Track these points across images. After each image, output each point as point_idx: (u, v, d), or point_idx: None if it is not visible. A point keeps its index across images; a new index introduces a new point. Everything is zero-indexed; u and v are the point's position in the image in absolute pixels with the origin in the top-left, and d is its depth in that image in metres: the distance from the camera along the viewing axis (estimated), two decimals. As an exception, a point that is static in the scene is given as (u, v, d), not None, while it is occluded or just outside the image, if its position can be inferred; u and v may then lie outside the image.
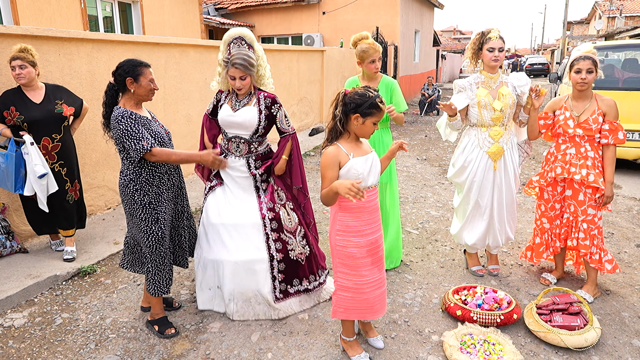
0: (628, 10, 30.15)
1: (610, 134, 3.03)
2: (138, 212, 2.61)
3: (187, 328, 2.86)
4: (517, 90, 3.25)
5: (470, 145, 3.36)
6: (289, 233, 2.97)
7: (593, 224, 3.12)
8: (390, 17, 14.63)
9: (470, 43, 3.32)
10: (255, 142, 2.92)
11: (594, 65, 3.01)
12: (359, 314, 2.43)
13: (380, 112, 2.23)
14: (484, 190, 3.35)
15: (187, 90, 6.04)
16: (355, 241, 2.30)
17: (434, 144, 9.08)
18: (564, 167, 3.14)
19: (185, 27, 10.41)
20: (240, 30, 2.86)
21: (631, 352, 2.62)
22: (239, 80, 2.76)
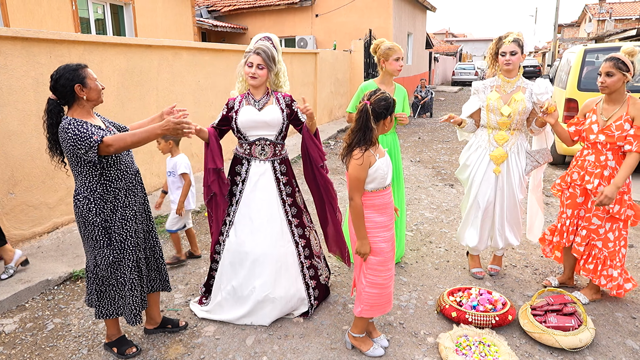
0: (617, 13, 30.48)
1: (635, 140, 2.79)
2: (91, 234, 2.36)
3: (181, 332, 2.83)
4: (534, 98, 3.15)
5: (474, 145, 3.39)
6: (317, 257, 3.02)
7: (596, 234, 3.03)
8: (383, 19, 14.68)
9: (488, 48, 3.33)
10: (279, 144, 2.86)
11: (617, 68, 2.80)
12: (380, 309, 2.53)
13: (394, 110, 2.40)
14: (483, 191, 3.36)
15: (180, 93, 6.02)
16: (383, 235, 2.43)
17: (427, 146, 9.11)
18: (580, 173, 3.05)
19: (177, 30, 10.37)
20: (270, 34, 2.90)
21: (625, 353, 2.63)
22: (256, 68, 2.69)
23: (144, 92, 5.37)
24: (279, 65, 2.83)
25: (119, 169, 2.41)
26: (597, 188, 2.93)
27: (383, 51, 3.42)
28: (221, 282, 2.92)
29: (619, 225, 3.00)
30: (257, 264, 2.80)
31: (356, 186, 2.34)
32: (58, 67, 2.31)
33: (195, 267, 3.75)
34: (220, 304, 2.91)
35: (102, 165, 2.34)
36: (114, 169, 2.38)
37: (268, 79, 2.79)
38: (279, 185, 2.87)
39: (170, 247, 4.17)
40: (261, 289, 2.80)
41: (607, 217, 2.99)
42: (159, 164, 5.73)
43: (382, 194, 2.40)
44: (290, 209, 2.90)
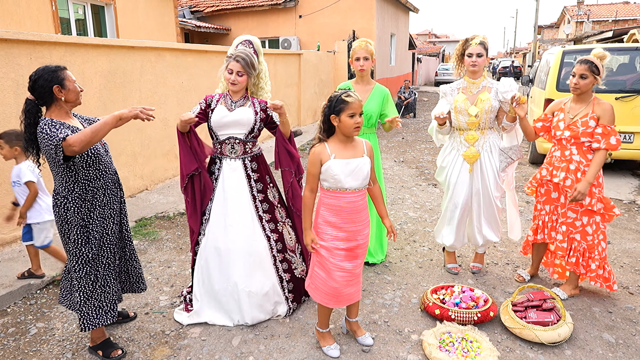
0: (595, 15, 31.17)
1: (603, 138, 2.96)
2: (69, 233, 2.38)
3: (166, 334, 2.83)
4: (499, 96, 3.26)
5: (449, 147, 3.47)
6: (291, 252, 3.05)
7: (573, 227, 3.14)
8: (366, 20, 14.77)
9: (455, 50, 3.41)
10: (249, 143, 2.93)
11: (589, 70, 2.96)
12: (324, 298, 2.51)
13: (349, 104, 2.32)
14: (459, 191, 3.43)
15: (164, 94, 5.98)
16: (333, 234, 2.44)
17: (411, 146, 9.20)
18: (549, 169, 3.18)
19: (160, 30, 10.29)
20: (251, 37, 2.98)
21: (601, 345, 2.71)
22: (235, 75, 2.79)
23: (127, 94, 5.33)
24: (259, 66, 2.93)
25: (97, 169, 2.43)
26: (564, 181, 3.06)
27: (351, 51, 3.46)
28: (201, 281, 2.95)
29: (596, 219, 3.10)
30: (230, 259, 2.86)
31: (307, 178, 2.45)
32: (37, 68, 2.33)
33: (181, 268, 3.74)
34: (201, 304, 2.94)
35: (80, 165, 2.35)
36: (92, 169, 2.41)
37: (248, 84, 2.90)
38: (249, 182, 2.93)
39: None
40: (236, 283, 2.85)
41: (581, 210, 3.10)
42: (142, 166, 5.69)
43: (337, 196, 2.40)
44: (262, 204, 2.96)
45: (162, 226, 4.70)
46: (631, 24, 26.64)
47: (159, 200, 5.45)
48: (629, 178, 6.68)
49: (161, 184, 6.04)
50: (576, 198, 2.98)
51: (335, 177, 2.36)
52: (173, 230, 4.60)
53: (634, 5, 31.97)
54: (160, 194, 5.68)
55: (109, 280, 2.55)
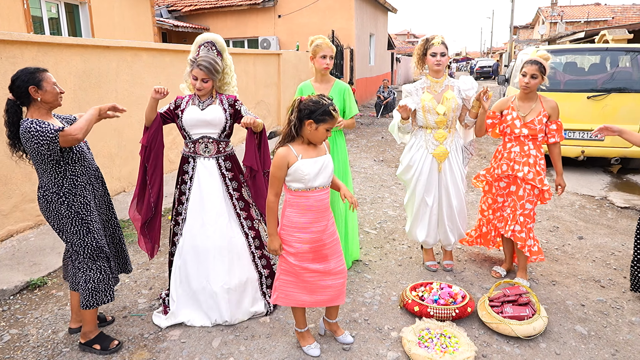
0: (568, 17, 31.91)
1: (557, 133, 3.27)
2: (67, 226, 2.50)
3: (145, 337, 2.80)
4: (462, 94, 3.38)
5: (416, 146, 3.51)
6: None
7: (529, 218, 3.33)
8: (346, 20, 14.82)
9: (416, 49, 3.46)
10: (223, 142, 2.94)
11: (539, 71, 3.16)
12: (299, 300, 2.52)
13: (333, 119, 2.36)
14: (429, 189, 3.49)
15: (141, 95, 5.90)
16: (298, 236, 2.44)
17: (390, 145, 9.28)
18: (509, 164, 3.32)
19: (137, 30, 10.14)
20: (213, 36, 2.94)
21: (574, 338, 2.79)
22: (200, 82, 2.80)
23: (103, 94, 5.24)
24: (224, 62, 2.93)
25: (82, 165, 2.56)
26: (527, 174, 3.24)
27: (312, 47, 3.36)
28: (178, 281, 2.94)
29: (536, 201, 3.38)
30: (208, 257, 2.85)
31: (271, 182, 2.42)
32: (19, 69, 2.43)
33: (160, 271, 3.70)
34: (178, 304, 2.92)
35: (66, 161, 2.47)
36: (78, 165, 2.53)
37: (213, 86, 2.90)
38: (224, 180, 2.94)
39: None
40: (215, 280, 2.85)
41: (535, 200, 3.33)
42: (119, 168, 5.60)
43: (306, 195, 2.40)
44: (238, 202, 2.97)
45: (140, 228, 4.63)
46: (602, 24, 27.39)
47: (136, 202, 5.36)
48: (601, 175, 6.87)
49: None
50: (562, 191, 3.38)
51: (305, 177, 2.36)
52: (151, 232, 4.54)
53: (604, 7, 32.85)
54: (138, 195, 5.59)
55: (109, 263, 2.67)
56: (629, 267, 3.74)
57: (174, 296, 2.93)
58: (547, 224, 4.76)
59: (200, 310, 2.91)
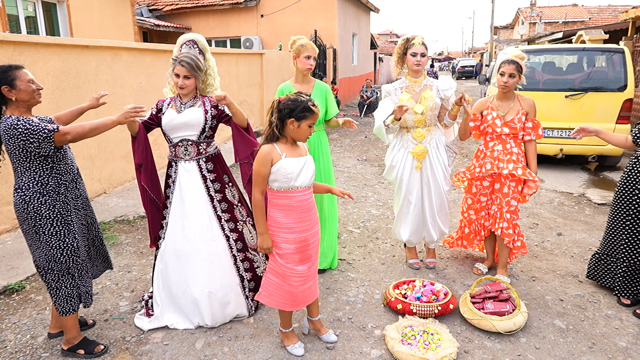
0: (547, 17, 32.50)
1: (533, 131, 3.32)
2: (47, 228, 2.41)
3: (127, 340, 2.77)
4: (440, 94, 3.41)
5: (397, 146, 3.54)
6: (253, 250, 3.03)
7: (515, 215, 3.38)
8: (328, 20, 14.85)
9: (396, 48, 3.48)
10: (203, 143, 2.91)
11: (517, 70, 3.22)
12: (280, 302, 2.53)
13: (314, 115, 2.37)
14: (411, 188, 3.52)
15: (121, 95, 5.82)
16: (284, 237, 2.44)
17: (374, 144, 9.32)
18: (493, 162, 3.37)
19: (117, 29, 10.00)
20: (195, 35, 2.95)
21: (553, 332, 2.85)
22: (182, 79, 2.77)
23: (82, 95, 5.16)
24: (207, 63, 2.92)
25: (66, 163, 2.52)
26: (515, 170, 3.29)
27: (296, 47, 3.34)
28: (160, 284, 2.92)
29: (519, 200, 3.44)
30: (188, 261, 2.84)
31: (255, 180, 2.41)
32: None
33: (141, 273, 3.66)
34: (162, 308, 2.90)
35: (54, 159, 2.43)
36: (62, 163, 2.49)
37: (196, 85, 2.87)
38: (205, 182, 2.91)
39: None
40: (195, 284, 2.83)
41: (519, 196, 3.39)
42: (100, 169, 5.53)
43: (289, 195, 2.41)
44: (220, 204, 2.95)
45: (122, 230, 4.58)
46: (579, 25, 27.96)
47: (118, 203, 5.30)
48: (579, 172, 7.02)
49: (120, 187, 5.88)
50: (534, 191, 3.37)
51: (288, 176, 2.36)
52: (133, 234, 4.50)
53: (581, 8, 33.54)
54: (120, 197, 5.53)
55: (87, 266, 2.62)
56: (605, 262, 3.83)
57: (158, 300, 2.90)
58: (527, 220, 4.84)
59: (183, 314, 2.88)
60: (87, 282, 2.61)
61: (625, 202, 3.07)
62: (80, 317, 2.92)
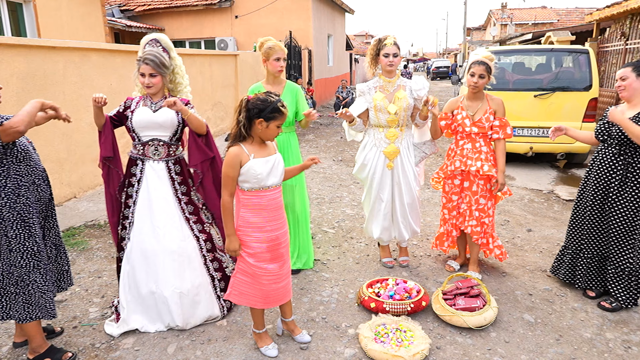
0: (517, 19, 33.27)
1: (501, 130, 3.37)
2: (6, 230, 2.33)
3: (97, 347, 2.71)
4: (414, 94, 3.46)
5: (369, 145, 3.57)
6: (220, 251, 3.02)
7: (484, 213, 3.44)
8: (303, 21, 14.86)
9: (369, 49, 3.51)
10: (174, 145, 2.90)
11: (487, 71, 3.28)
12: (252, 301, 2.53)
13: (283, 116, 2.36)
14: (383, 187, 3.56)
15: (90, 97, 5.69)
16: (255, 236, 2.43)
17: (349, 145, 9.37)
18: (462, 160, 3.43)
19: (87, 30, 9.79)
20: (158, 34, 2.92)
21: (522, 326, 2.92)
22: (148, 77, 2.74)
23: (50, 97, 5.03)
24: (173, 62, 2.89)
25: (28, 165, 2.44)
26: (482, 168, 3.36)
27: (264, 50, 3.34)
28: (127, 287, 2.87)
29: (492, 201, 3.49)
30: (158, 261, 2.80)
31: (224, 182, 2.39)
32: None
33: (112, 278, 3.59)
34: (128, 310, 2.85)
35: (10, 160, 2.35)
36: (23, 165, 2.41)
37: (164, 84, 2.85)
38: (173, 184, 2.89)
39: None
40: (165, 284, 2.80)
41: (489, 195, 3.45)
42: (69, 173, 5.40)
43: (260, 195, 2.41)
44: (187, 206, 2.93)
45: (92, 235, 4.48)
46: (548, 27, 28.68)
47: (88, 208, 5.19)
48: (548, 170, 7.20)
49: (91, 191, 5.75)
50: (500, 189, 3.38)
51: (258, 177, 2.36)
52: (104, 238, 4.41)
53: (550, 10, 34.45)
54: (90, 201, 5.41)
55: (50, 274, 2.53)
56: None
57: (124, 302, 2.85)
58: (499, 218, 4.94)
59: (152, 315, 2.85)
60: (48, 290, 2.50)
61: (587, 197, 3.16)
62: (48, 324, 2.85)
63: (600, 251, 3.18)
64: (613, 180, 3.03)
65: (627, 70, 2.99)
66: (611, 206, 3.05)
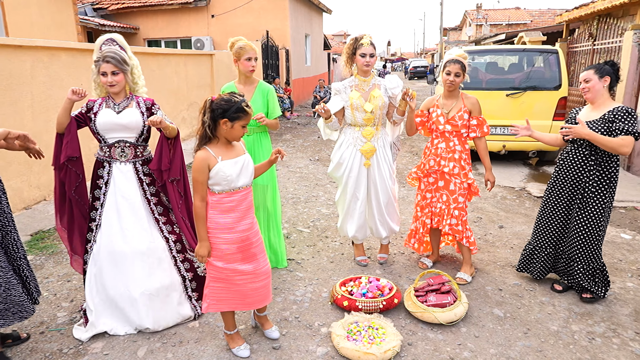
0: (492, 19, 33.88)
1: (478, 128, 3.41)
2: None
3: (64, 352, 2.66)
4: (388, 92, 3.50)
5: (345, 143, 3.58)
6: (191, 251, 3.00)
7: (463, 211, 3.47)
8: (280, 21, 14.82)
9: (345, 48, 3.52)
10: (140, 146, 2.86)
11: (462, 69, 3.32)
12: (232, 305, 2.52)
13: (248, 116, 2.35)
14: (359, 185, 3.58)
15: (60, 97, 5.57)
16: (225, 237, 2.41)
17: (326, 144, 9.39)
18: (436, 159, 3.47)
19: (58, 28, 9.56)
20: (112, 35, 2.89)
21: (492, 320, 2.97)
22: (111, 76, 2.70)
23: (17, 97, 4.91)
24: (133, 69, 2.87)
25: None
26: (452, 169, 3.40)
27: (235, 50, 3.32)
28: (94, 290, 2.82)
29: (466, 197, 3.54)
30: (127, 262, 2.77)
31: (195, 187, 2.37)
32: None
33: (81, 281, 3.50)
34: (96, 313, 2.80)
35: None
36: None
37: (126, 82, 2.82)
38: (142, 185, 2.86)
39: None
40: (135, 286, 2.76)
41: (466, 193, 3.48)
42: (38, 175, 5.27)
43: (230, 197, 2.40)
44: (156, 207, 2.90)
45: (62, 238, 4.38)
46: (522, 27, 29.27)
47: (58, 210, 5.07)
48: (521, 167, 7.35)
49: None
50: (492, 186, 3.49)
51: (228, 179, 2.35)
52: (75, 241, 4.31)
53: (524, 11, 35.20)
54: (61, 204, 5.29)
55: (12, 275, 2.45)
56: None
57: (91, 305, 2.80)
58: (472, 215, 5.02)
59: (122, 317, 2.80)
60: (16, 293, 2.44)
61: (557, 196, 3.23)
62: (14, 330, 2.78)
63: (563, 247, 3.26)
64: (585, 179, 3.08)
65: (589, 72, 3.06)
66: (581, 204, 3.11)
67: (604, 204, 3.05)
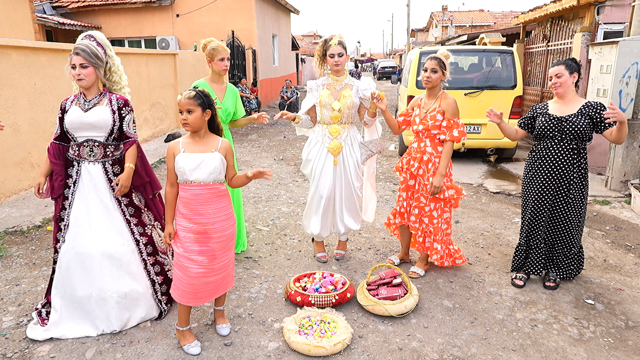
0: (457, 21, 34.65)
1: (448, 131, 3.28)
2: None
3: (9, 357, 2.59)
4: (360, 93, 3.54)
5: (314, 141, 3.65)
6: (163, 254, 2.98)
7: (423, 211, 3.48)
8: (246, 21, 14.76)
9: (316, 49, 3.59)
10: (111, 146, 2.80)
11: (439, 66, 3.26)
12: (183, 296, 2.55)
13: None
14: (323, 182, 3.62)
15: (12, 97, 5.41)
16: (183, 225, 2.52)
17: (292, 144, 9.42)
18: (407, 158, 3.52)
19: (13, 27, 9.25)
20: (93, 32, 2.84)
21: (442, 311, 3.06)
22: (80, 68, 2.65)
23: (-37, 97, 4.73)
24: (111, 60, 2.82)
25: None
26: (417, 170, 3.40)
27: (208, 51, 3.48)
28: (62, 290, 2.76)
29: (441, 205, 3.46)
30: (95, 264, 2.72)
31: (167, 173, 2.56)
32: None
33: (31, 285, 3.43)
34: (61, 314, 2.74)
35: None
36: None
37: (98, 77, 2.75)
38: (111, 186, 2.82)
39: None
40: (104, 288, 2.72)
41: (430, 197, 3.44)
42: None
43: (184, 188, 2.51)
44: (127, 208, 2.86)
45: (13, 242, 4.26)
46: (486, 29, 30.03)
47: (10, 214, 4.92)
48: (479, 164, 7.56)
49: (14, 196, 5.46)
50: (434, 192, 3.31)
51: (180, 170, 2.46)
52: (26, 245, 4.20)
53: (487, 13, 36.16)
54: (13, 207, 5.13)
55: None
56: (494, 245, 4.17)
57: (57, 306, 2.74)
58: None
59: (87, 319, 2.75)
60: None
61: (536, 192, 3.29)
62: None
63: (552, 240, 3.36)
64: (572, 172, 3.16)
65: (560, 68, 3.14)
66: (567, 197, 3.21)
67: (585, 193, 3.21)
